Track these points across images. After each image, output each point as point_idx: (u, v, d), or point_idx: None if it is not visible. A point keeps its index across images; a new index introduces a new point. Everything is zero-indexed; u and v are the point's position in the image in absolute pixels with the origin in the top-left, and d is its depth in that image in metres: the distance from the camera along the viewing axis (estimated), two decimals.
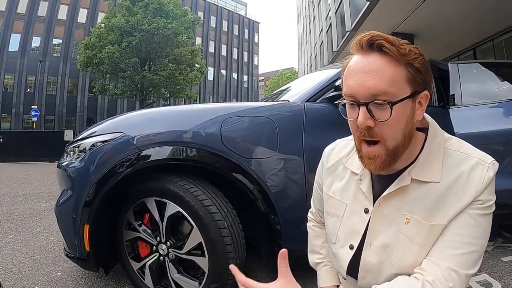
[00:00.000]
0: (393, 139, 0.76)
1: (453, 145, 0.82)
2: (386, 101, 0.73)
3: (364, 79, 0.74)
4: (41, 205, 4.50)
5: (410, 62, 0.74)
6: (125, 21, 23.17)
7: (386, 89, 0.72)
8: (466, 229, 0.75)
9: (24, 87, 35.61)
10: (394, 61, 0.74)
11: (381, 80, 0.73)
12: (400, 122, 0.75)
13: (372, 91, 0.73)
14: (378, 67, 0.73)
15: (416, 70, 0.75)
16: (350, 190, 0.92)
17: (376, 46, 0.74)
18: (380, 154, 0.77)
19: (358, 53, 0.78)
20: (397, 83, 0.73)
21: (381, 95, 0.73)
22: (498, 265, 2.27)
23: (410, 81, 0.75)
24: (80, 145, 1.91)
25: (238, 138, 1.79)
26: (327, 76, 2.15)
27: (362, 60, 0.76)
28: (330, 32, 18.67)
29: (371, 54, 0.75)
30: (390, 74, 0.73)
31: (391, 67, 0.73)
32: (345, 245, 0.91)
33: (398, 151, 0.78)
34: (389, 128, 0.75)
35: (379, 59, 0.74)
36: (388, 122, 0.74)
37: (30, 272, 2.29)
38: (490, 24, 8.99)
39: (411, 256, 0.78)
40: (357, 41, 0.77)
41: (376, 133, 0.76)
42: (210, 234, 1.63)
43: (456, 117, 2.36)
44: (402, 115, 0.75)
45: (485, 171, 0.76)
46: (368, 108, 0.74)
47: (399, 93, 0.74)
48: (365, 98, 0.74)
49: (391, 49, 0.73)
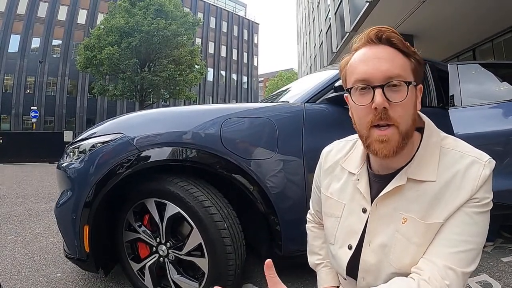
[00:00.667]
0: (405, 122, 0.78)
1: (449, 144, 0.83)
2: (403, 81, 0.76)
3: (378, 63, 0.77)
4: (41, 206, 4.50)
5: (412, 54, 0.80)
6: (124, 22, 23.19)
7: (399, 73, 0.77)
8: (462, 227, 0.75)
9: (24, 88, 35.58)
10: (401, 52, 0.79)
11: (394, 65, 0.77)
12: (411, 106, 0.79)
13: (388, 74, 0.76)
14: (389, 54, 0.78)
15: (417, 62, 0.81)
16: (348, 191, 0.93)
17: (384, 39, 0.79)
18: (394, 137, 0.77)
19: (366, 46, 0.81)
20: (406, 70, 0.78)
21: (396, 77, 0.76)
22: (498, 266, 2.27)
23: (414, 71, 0.80)
24: (80, 146, 1.90)
25: (238, 139, 1.79)
26: (326, 77, 2.15)
27: (371, 50, 0.80)
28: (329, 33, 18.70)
29: (380, 45, 0.80)
30: (400, 62, 0.78)
31: (400, 57, 0.79)
32: (343, 245, 0.91)
33: (408, 136, 0.79)
34: (402, 110, 0.77)
35: (389, 49, 0.79)
36: (402, 103, 0.76)
37: (30, 273, 2.29)
38: (489, 24, 9.01)
39: (408, 255, 0.79)
40: (364, 34, 0.82)
41: (390, 116, 0.76)
42: (210, 235, 1.63)
43: (456, 118, 2.36)
44: (411, 99, 0.79)
45: (481, 169, 0.76)
46: (383, 90, 0.76)
47: (409, 78, 0.78)
48: (380, 80, 0.76)
49: (398, 41, 0.79)
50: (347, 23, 12.05)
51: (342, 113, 1.96)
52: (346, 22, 12.15)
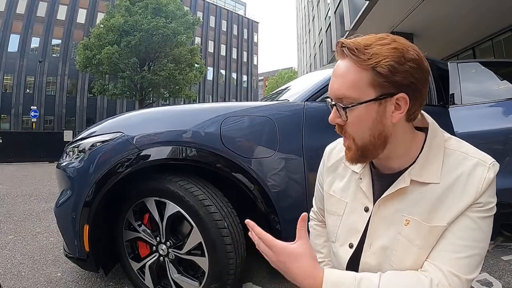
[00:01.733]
0: (359, 138, 0.80)
1: (453, 145, 0.82)
2: (340, 104, 0.78)
3: (333, 82, 0.80)
4: (41, 206, 4.49)
5: (373, 66, 0.73)
6: (123, 21, 23.17)
7: (345, 93, 0.77)
8: (467, 232, 0.75)
9: (24, 88, 35.57)
10: (356, 67, 0.75)
11: (342, 84, 0.77)
12: (364, 124, 0.78)
13: (336, 94, 0.79)
14: (342, 71, 0.78)
15: (378, 74, 0.74)
16: (351, 189, 0.92)
17: (346, 51, 0.77)
18: (351, 147, 0.82)
19: (338, 58, 0.82)
20: (357, 87, 0.75)
21: (342, 98, 0.78)
22: (499, 264, 2.27)
23: (374, 85, 0.75)
24: (79, 145, 1.90)
25: (238, 137, 1.79)
26: (326, 76, 2.14)
27: (337, 64, 0.81)
28: (329, 31, 18.70)
29: (343, 59, 0.79)
30: (351, 79, 0.76)
31: (353, 72, 0.76)
32: (344, 243, 0.91)
33: (367, 149, 0.80)
34: (352, 127, 0.80)
35: (346, 64, 0.77)
36: (349, 122, 0.79)
37: (30, 272, 2.29)
38: (489, 23, 9.00)
39: (410, 258, 0.78)
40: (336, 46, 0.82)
41: (346, 130, 0.81)
42: (210, 234, 1.63)
43: (456, 117, 2.36)
44: (366, 117, 0.77)
45: (485, 172, 0.75)
46: (337, 107, 0.80)
47: (361, 96, 0.76)
48: (334, 99, 0.80)
49: (352, 55, 0.75)
50: (347, 22, 12.05)
51: None
52: (346, 20, 12.15)
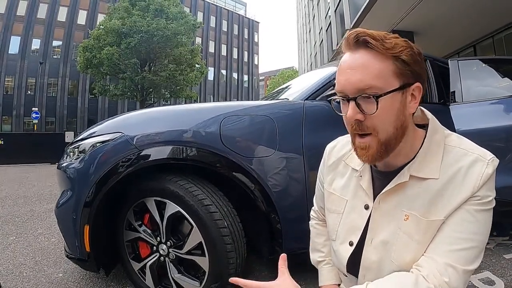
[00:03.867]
0: (384, 131, 0.77)
1: (453, 141, 0.82)
2: (371, 94, 0.74)
3: (350, 74, 0.76)
4: (42, 207, 4.50)
5: (396, 55, 0.75)
6: (120, 24, 23.18)
7: (371, 83, 0.74)
8: (464, 225, 0.75)
9: (25, 89, 35.67)
10: (379, 56, 0.75)
11: (367, 75, 0.74)
12: (390, 115, 0.76)
13: (358, 86, 0.75)
14: (363, 62, 0.75)
15: (403, 62, 0.75)
16: (351, 187, 0.92)
17: (361, 43, 0.76)
18: (372, 145, 0.78)
19: (347, 51, 0.79)
20: (383, 77, 0.75)
21: (367, 89, 0.74)
22: (501, 263, 2.27)
23: (398, 74, 0.76)
24: (79, 145, 1.90)
25: (238, 137, 1.79)
26: (326, 74, 2.14)
27: (349, 57, 0.78)
28: (329, 30, 18.69)
29: (358, 50, 0.77)
30: (376, 68, 0.74)
31: (376, 62, 0.75)
32: (345, 241, 0.91)
33: (390, 143, 0.78)
34: (378, 120, 0.76)
35: (365, 55, 0.75)
36: (376, 114, 0.75)
37: (31, 273, 2.29)
38: (490, 20, 8.98)
39: (410, 252, 0.78)
40: (345, 39, 0.79)
41: (367, 126, 0.77)
42: (210, 233, 1.63)
43: (457, 114, 2.35)
44: (391, 107, 0.76)
45: (484, 167, 0.76)
46: (356, 102, 0.76)
47: (386, 86, 0.75)
48: (352, 93, 0.76)
49: (375, 44, 0.74)
50: (347, 21, 12.03)
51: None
52: (346, 19, 12.14)
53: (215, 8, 52.50)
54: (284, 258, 0.87)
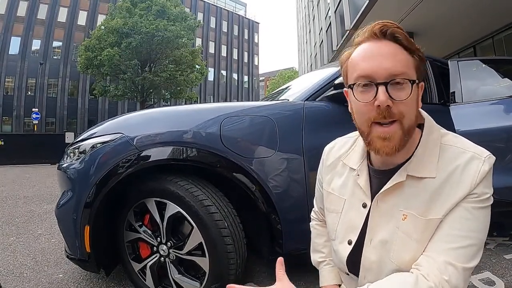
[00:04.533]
0: (409, 118, 0.77)
1: (449, 140, 0.83)
2: (407, 79, 0.75)
3: (382, 60, 0.76)
4: (43, 207, 4.50)
5: (415, 51, 0.79)
6: (122, 23, 23.21)
7: (403, 70, 0.76)
8: (462, 222, 0.75)
9: (25, 90, 35.67)
10: (405, 48, 0.78)
11: (399, 62, 0.76)
12: (414, 103, 0.79)
13: (392, 71, 0.75)
14: (393, 50, 0.77)
15: (420, 59, 0.80)
16: (349, 186, 0.93)
17: (389, 34, 0.78)
18: (397, 134, 0.77)
19: (369, 41, 0.80)
20: (410, 67, 0.77)
21: (400, 75, 0.75)
22: (501, 263, 2.27)
23: (417, 68, 0.79)
24: (80, 146, 1.90)
25: (238, 137, 1.79)
26: (326, 75, 2.14)
27: (375, 45, 0.79)
28: (329, 31, 18.68)
29: (384, 40, 0.78)
30: (404, 58, 0.77)
31: (404, 53, 0.77)
32: (343, 240, 0.92)
33: (410, 132, 0.79)
34: (405, 107, 0.76)
35: (393, 45, 0.77)
36: (406, 101, 0.76)
37: (32, 274, 2.29)
38: (490, 21, 8.98)
39: (409, 252, 0.79)
40: (369, 28, 0.80)
41: (394, 113, 0.76)
42: (211, 234, 1.63)
43: (457, 115, 2.35)
44: (415, 96, 0.78)
45: (481, 165, 0.76)
46: (386, 88, 0.75)
47: (412, 76, 0.77)
48: (384, 77, 0.75)
49: (403, 36, 0.77)
50: (347, 21, 12.04)
51: (342, 110, 1.95)
52: (346, 20, 12.14)
53: (215, 8, 52.52)
54: (281, 262, 0.85)
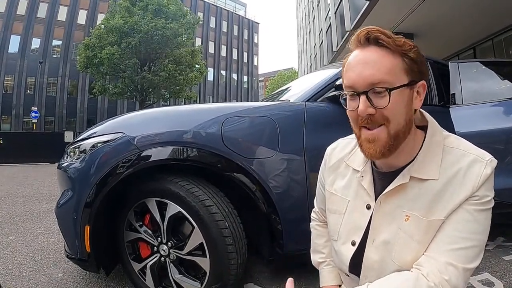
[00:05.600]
0: (395, 122, 0.78)
1: (452, 142, 0.83)
2: (384, 87, 0.76)
3: (362, 69, 0.78)
4: (42, 207, 4.49)
5: (405, 52, 0.78)
6: (123, 22, 23.20)
7: (383, 78, 0.76)
8: (463, 224, 0.76)
9: (24, 89, 35.61)
10: (390, 52, 0.78)
11: (379, 70, 0.76)
12: (400, 107, 0.78)
13: (371, 80, 0.76)
14: (375, 58, 0.77)
15: (411, 60, 0.79)
16: (352, 187, 0.93)
17: (372, 39, 0.78)
18: (381, 137, 0.79)
19: (357, 48, 0.82)
20: (394, 72, 0.77)
21: (379, 83, 0.76)
22: (500, 264, 2.27)
23: (407, 70, 0.78)
24: (80, 145, 1.90)
25: (239, 138, 1.79)
26: (327, 76, 2.14)
27: (360, 53, 0.80)
28: (329, 32, 18.68)
29: (369, 47, 0.79)
30: (387, 64, 0.77)
31: (387, 58, 0.77)
32: (347, 241, 0.92)
33: (398, 136, 0.80)
34: (390, 113, 0.77)
35: (376, 51, 0.78)
36: (388, 107, 0.76)
37: (31, 273, 2.29)
38: (490, 22, 8.99)
39: (410, 252, 0.79)
40: (355, 36, 0.81)
41: (378, 119, 0.78)
42: (211, 234, 1.63)
43: (457, 116, 2.36)
44: (400, 101, 0.78)
45: (483, 168, 0.77)
46: (367, 96, 0.77)
47: (396, 81, 0.77)
48: (364, 87, 0.77)
49: (386, 40, 0.77)
50: (347, 22, 12.03)
51: (343, 111, 1.95)
52: (346, 21, 12.14)
53: (215, 8, 52.51)
54: (291, 282, 0.86)
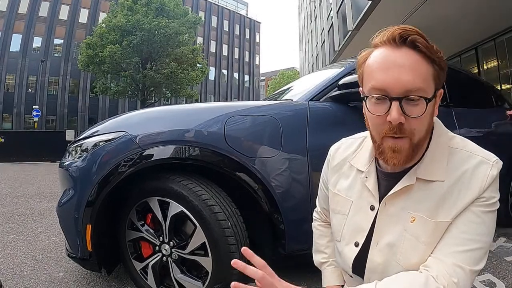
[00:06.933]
0: (419, 134, 0.76)
1: (457, 143, 0.83)
2: (422, 97, 0.72)
3: (399, 73, 0.71)
4: (43, 205, 4.50)
5: (437, 59, 0.74)
6: (125, 21, 23.24)
7: (421, 86, 0.72)
8: (470, 226, 0.76)
9: (26, 87, 35.72)
10: (425, 58, 0.73)
11: (417, 76, 0.71)
12: (428, 118, 0.77)
13: (408, 87, 0.71)
14: (412, 62, 0.72)
15: (441, 68, 0.75)
16: (356, 188, 0.92)
17: (409, 41, 0.73)
18: (405, 147, 0.76)
19: (387, 46, 0.75)
20: (428, 80, 0.73)
21: (416, 91, 0.71)
22: (502, 265, 2.27)
23: (435, 78, 0.75)
24: (82, 144, 1.89)
25: (242, 137, 1.78)
26: (330, 75, 2.14)
27: (393, 53, 0.74)
28: (331, 31, 18.65)
29: (403, 48, 0.73)
30: (423, 71, 0.73)
31: (424, 64, 0.73)
32: (350, 242, 0.91)
33: (419, 145, 0.78)
34: (418, 123, 0.74)
35: (413, 55, 0.73)
36: (421, 118, 0.73)
37: (32, 272, 2.28)
38: (491, 23, 8.97)
39: (416, 254, 0.79)
40: (388, 33, 0.75)
41: (406, 129, 0.74)
42: (214, 233, 1.62)
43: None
44: (430, 111, 0.76)
45: (489, 169, 0.77)
46: (401, 103, 0.72)
47: (429, 90, 0.74)
48: (399, 93, 0.72)
49: (425, 45, 0.72)
50: (349, 22, 12.00)
51: (346, 111, 1.95)
52: (348, 20, 12.11)
53: (216, 8, 52.55)
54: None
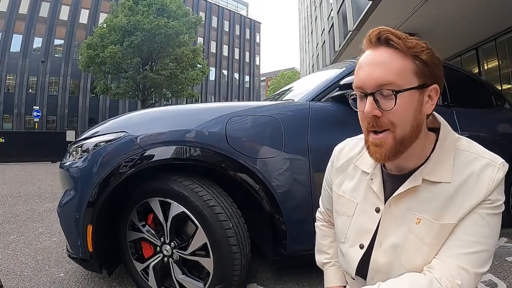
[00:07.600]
0: (401, 128, 0.77)
1: (463, 145, 0.82)
2: (391, 89, 0.75)
3: (371, 70, 0.77)
4: (43, 206, 4.49)
5: (416, 54, 0.76)
6: (126, 21, 23.26)
7: (391, 80, 0.75)
8: (475, 228, 0.75)
9: (26, 88, 35.73)
10: (400, 54, 0.76)
11: (388, 71, 0.75)
12: (408, 112, 0.77)
13: (379, 81, 0.75)
14: (385, 59, 0.76)
15: (423, 62, 0.77)
16: (361, 190, 0.92)
17: (383, 40, 0.77)
18: (387, 142, 0.78)
19: (368, 48, 0.81)
20: (403, 74, 0.76)
21: (386, 85, 0.75)
22: (503, 265, 2.27)
23: (417, 73, 0.77)
24: (83, 145, 1.88)
25: (243, 137, 1.77)
26: (331, 76, 2.14)
27: (371, 53, 0.79)
28: (332, 32, 18.65)
29: (379, 47, 0.78)
30: (397, 65, 0.76)
31: (397, 59, 0.76)
32: (355, 244, 0.91)
33: (405, 141, 0.78)
34: (396, 117, 0.76)
35: (386, 52, 0.77)
36: (394, 111, 0.75)
37: (33, 273, 2.28)
38: (492, 23, 8.96)
39: (421, 256, 0.78)
40: (366, 36, 0.80)
41: (384, 122, 0.77)
42: (215, 234, 1.61)
43: None
44: (409, 105, 0.77)
45: (495, 172, 0.77)
46: (374, 98, 0.76)
47: (405, 84, 0.76)
48: (371, 88, 0.76)
49: (397, 42, 0.76)
50: (349, 22, 11.99)
51: (347, 111, 1.94)
52: (349, 21, 12.10)
53: (217, 8, 52.56)
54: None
